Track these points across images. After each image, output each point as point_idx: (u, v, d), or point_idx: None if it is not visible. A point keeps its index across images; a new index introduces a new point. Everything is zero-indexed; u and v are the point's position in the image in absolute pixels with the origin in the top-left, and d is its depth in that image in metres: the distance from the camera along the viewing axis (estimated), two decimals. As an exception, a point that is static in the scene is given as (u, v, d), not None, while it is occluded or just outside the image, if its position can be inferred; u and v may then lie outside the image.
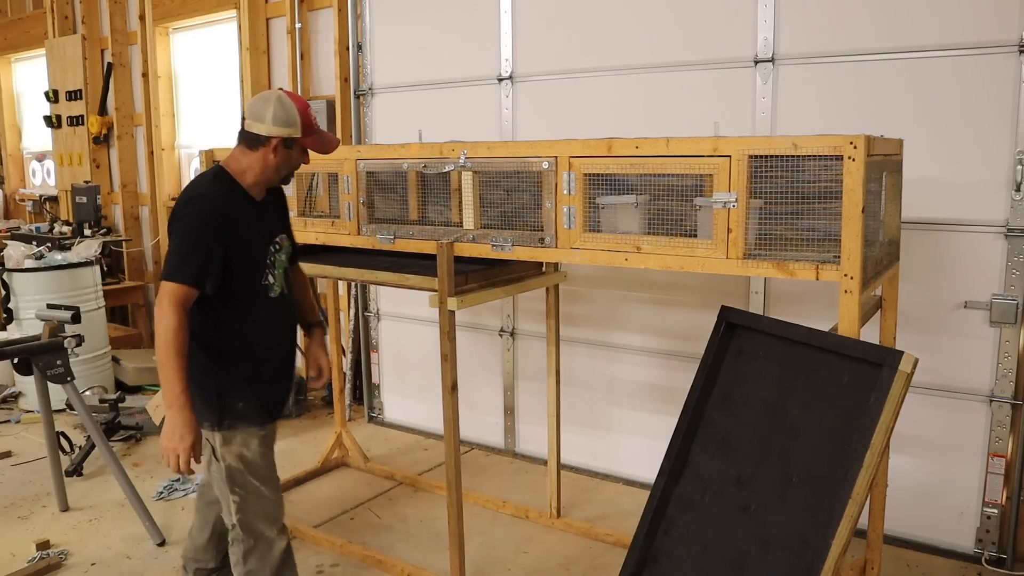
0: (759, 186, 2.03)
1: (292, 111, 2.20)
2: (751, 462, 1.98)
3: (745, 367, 2.10)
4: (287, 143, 2.22)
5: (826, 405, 1.88)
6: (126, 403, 4.57)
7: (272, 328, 2.31)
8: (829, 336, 1.91)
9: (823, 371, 1.91)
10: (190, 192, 2.20)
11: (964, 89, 2.81)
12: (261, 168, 2.23)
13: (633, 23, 3.48)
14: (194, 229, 2.11)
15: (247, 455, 2.26)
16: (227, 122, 5.51)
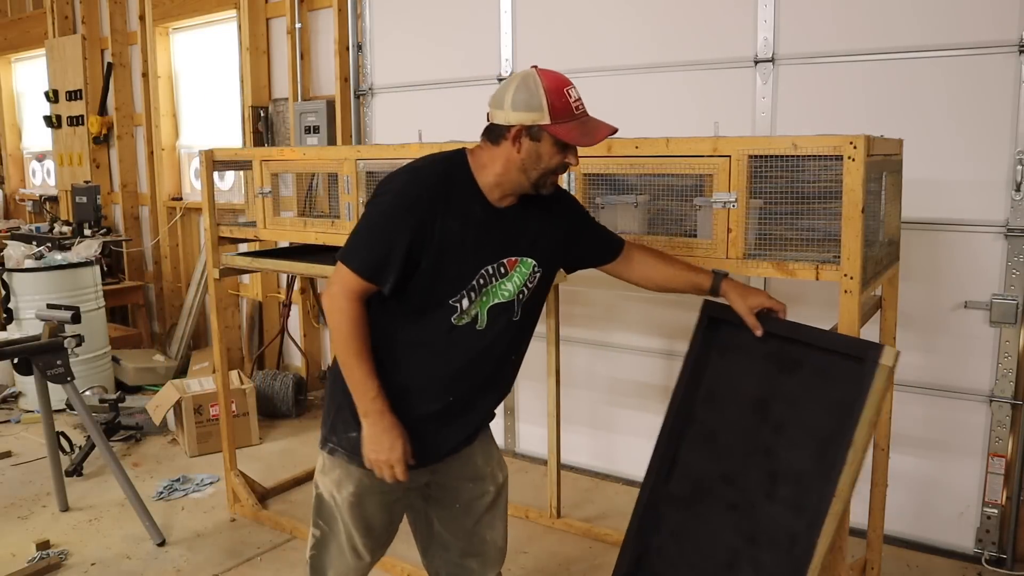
0: (759, 186, 2.03)
1: (537, 91, 1.70)
2: (738, 459, 1.95)
3: (729, 363, 2.05)
4: (532, 133, 1.71)
5: (810, 401, 1.83)
6: (126, 403, 4.57)
7: (443, 364, 1.78)
8: (811, 330, 1.86)
9: (807, 366, 1.86)
10: (408, 165, 1.80)
11: (964, 89, 2.81)
12: (503, 166, 1.73)
13: (633, 23, 3.47)
14: (385, 209, 1.70)
15: (338, 499, 1.90)
16: (227, 122, 5.51)
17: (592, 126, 1.77)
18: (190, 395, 4.16)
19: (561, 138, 1.71)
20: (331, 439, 1.88)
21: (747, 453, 1.93)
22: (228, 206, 3.68)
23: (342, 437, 1.84)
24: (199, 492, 3.73)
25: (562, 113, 1.71)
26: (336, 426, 1.86)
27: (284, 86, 4.97)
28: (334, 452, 1.88)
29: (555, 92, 1.71)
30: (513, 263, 1.79)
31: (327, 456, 1.90)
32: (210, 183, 3.25)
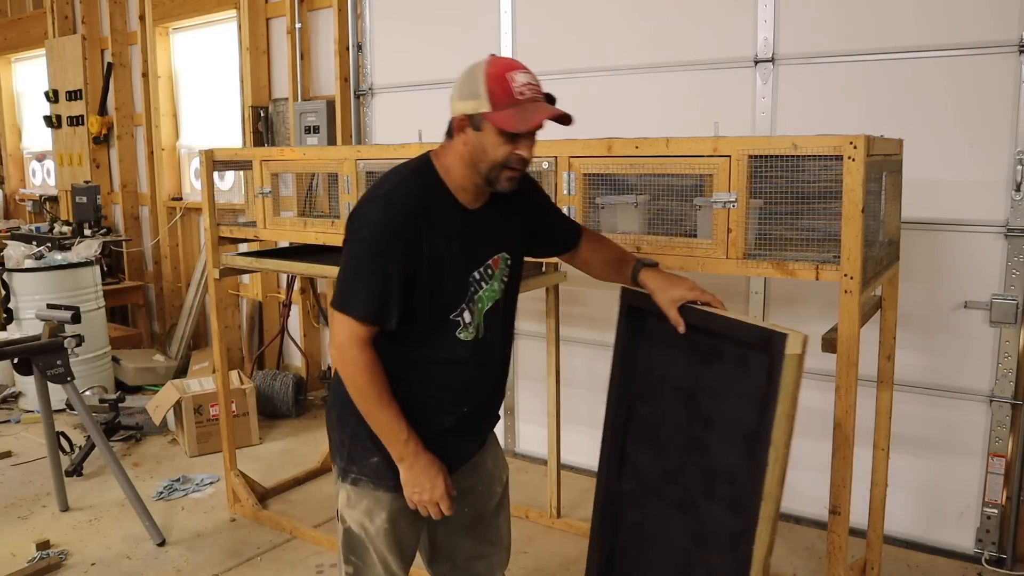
0: (759, 186, 2.03)
1: (477, 78, 1.59)
2: (677, 455, 1.84)
3: (656, 353, 1.92)
4: (474, 122, 1.60)
5: (732, 394, 1.71)
6: (126, 403, 4.57)
7: (453, 379, 1.76)
8: (723, 320, 1.71)
9: (726, 357, 1.73)
10: (376, 189, 1.69)
11: (964, 89, 2.81)
12: (458, 162, 1.66)
13: (633, 23, 3.47)
14: (370, 245, 1.62)
15: (370, 529, 1.80)
16: (227, 122, 5.51)
17: (532, 111, 1.59)
18: (190, 395, 4.16)
19: (496, 124, 1.59)
20: (351, 470, 1.79)
21: (684, 449, 1.82)
22: (228, 206, 3.68)
23: (363, 465, 1.77)
24: (199, 492, 3.73)
25: (502, 99, 1.57)
26: (355, 455, 1.77)
27: (284, 86, 4.97)
28: (358, 482, 1.78)
29: (496, 78, 1.58)
30: (496, 262, 1.77)
31: (351, 488, 1.80)
32: (210, 183, 3.25)
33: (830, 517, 1.97)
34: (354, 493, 1.80)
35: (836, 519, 1.96)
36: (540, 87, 1.63)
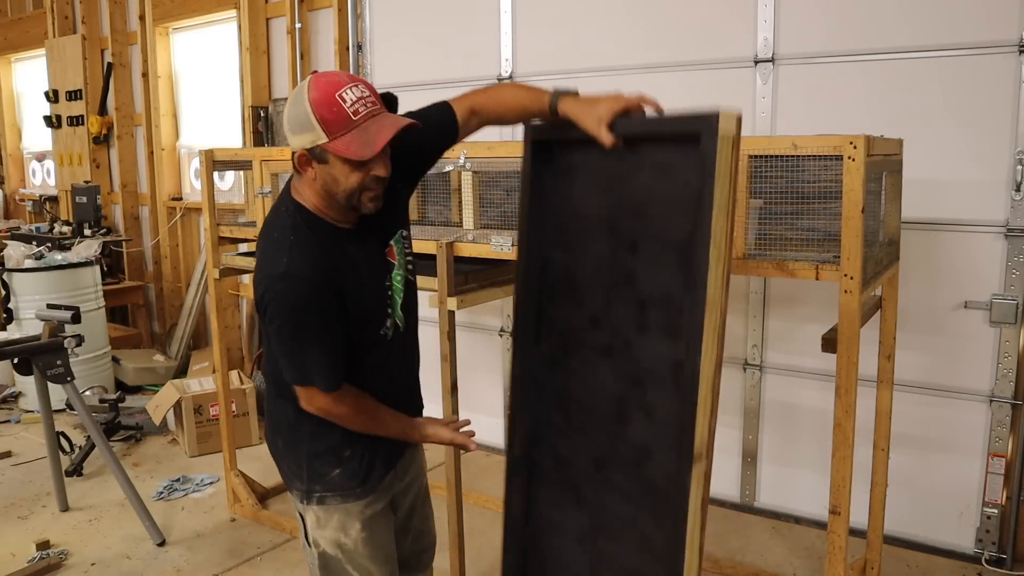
0: (759, 186, 2.03)
1: (304, 108, 1.48)
2: (601, 295, 1.69)
3: (568, 188, 1.76)
4: (316, 155, 1.51)
5: (659, 205, 1.55)
6: (126, 403, 4.57)
7: (382, 371, 1.75)
8: (640, 121, 1.56)
9: (647, 167, 1.57)
10: (272, 264, 1.57)
11: (964, 89, 2.81)
12: (312, 195, 1.59)
13: (633, 23, 3.47)
14: (304, 318, 1.56)
15: (346, 543, 1.75)
16: (227, 122, 5.51)
17: (373, 131, 1.49)
18: (190, 395, 4.16)
19: (339, 154, 1.48)
20: (315, 489, 1.74)
21: (608, 286, 1.67)
22: (228, 206, 3.69)
23: (327, 481, 1.73)
24: (199, 492, 3.72)
25: (337, 125, 1.47)
26: (315, 474, 1.73)
27: (284, 86, 4.97)
28: (324, 500, 1.74)
29: (324, 103, 1.47)
30: (392, 251, 1.73)
31: (318, 508, 1.75)
32: (210, 183, 3.25)
33: (830, 517, 1.97)
34: (323, 512, 1.75)
35: (836, 519, 1.96)
36: (374, 96, 1.53)
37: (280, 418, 1.78)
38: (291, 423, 1.74)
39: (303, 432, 1.73)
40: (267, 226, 1.67)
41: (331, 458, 1.73)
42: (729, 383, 3.42)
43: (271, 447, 1.86)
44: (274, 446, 1.84)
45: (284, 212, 1.63)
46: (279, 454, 1.82)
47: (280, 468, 1.83)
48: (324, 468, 1.73)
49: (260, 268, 1.61)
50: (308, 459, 1.74)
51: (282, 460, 1.81)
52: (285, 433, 1.78)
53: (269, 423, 1.85)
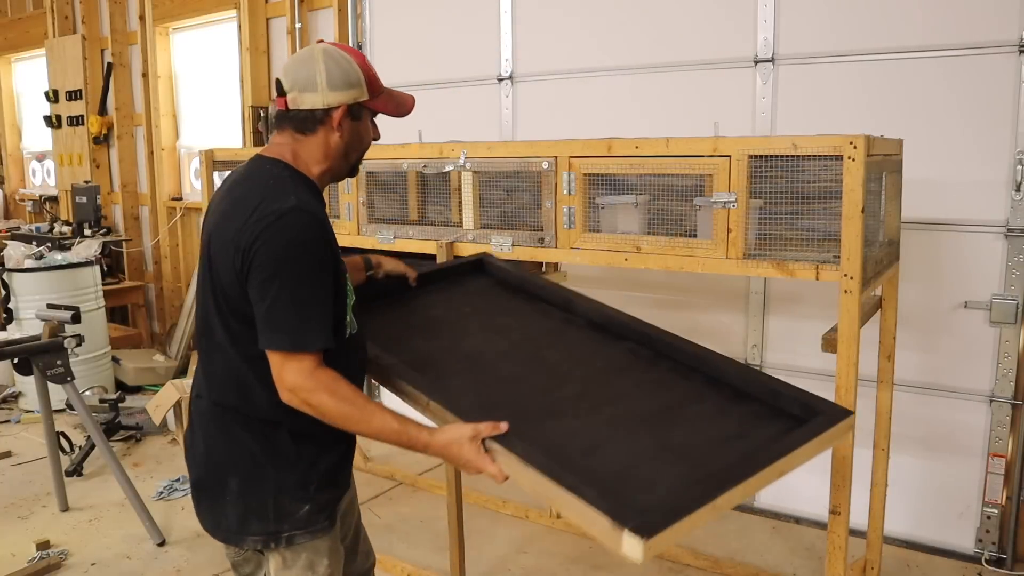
0: (759, 186, 2.03)
1: (351, 65, 1.53)
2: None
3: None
4: (353, 112, 1.54)
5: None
6: (126, 403, 4.57)
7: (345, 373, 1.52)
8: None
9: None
10: (272, 202, 1.45)
11: (964, 89, 2.81)
12: (323, 155, 1.56)
13: (633, 23, 3.47)
14: (309, 262, 1.44)
15: None
16: (227, 122, 5.51)
17: (398, 97, 1.63)
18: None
19: (379, 111, 1.58)
20: (283, 529, 1.56)
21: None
22: (228, 206, 3.67)
23: (295, 520, 1.56)
24: (199, 492, 3.72)
25: (376, 86, 1.57)
26: (283, 512, 1.56)
27: (284, 86, 4.97)
28: (293, 540, 1.57)
29: (364, 64, 1.55)
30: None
31: (285, 550, 1.58)
32: (210, 183, 3.25)
33: (830, 517, 1.97)
34: (290, 553, 1.58)
35: (836, 519, 1.96)
36: None
37: (238, 454, 1.56)
38: (252, 457, 1.54)
39: (270, 466, 1.55)
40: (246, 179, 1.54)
41: (300, 493, 1.56)
42: (729, 383, 3.42)
43: (210, 494, 1.60)
44: (222, 489, 1.57)
45: (269, 168, 1.54)
46: (229, 498, 1.57)
47: (222, 516, 1.59)
48: (293, 505, 1.56)
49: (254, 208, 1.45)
50: (275, 496, 1.55)
51: (233, 505, 1.57)
52: (243, 471, 1.56)
53: (215, 461, 1.59)
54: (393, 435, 1.48)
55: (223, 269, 1.49)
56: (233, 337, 1.52)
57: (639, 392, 1.69)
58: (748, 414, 1.60)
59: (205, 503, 1.63)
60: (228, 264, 1.47)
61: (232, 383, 1.55)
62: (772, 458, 1.42)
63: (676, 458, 1.47)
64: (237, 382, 1.54)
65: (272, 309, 1.43)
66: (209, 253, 1.53)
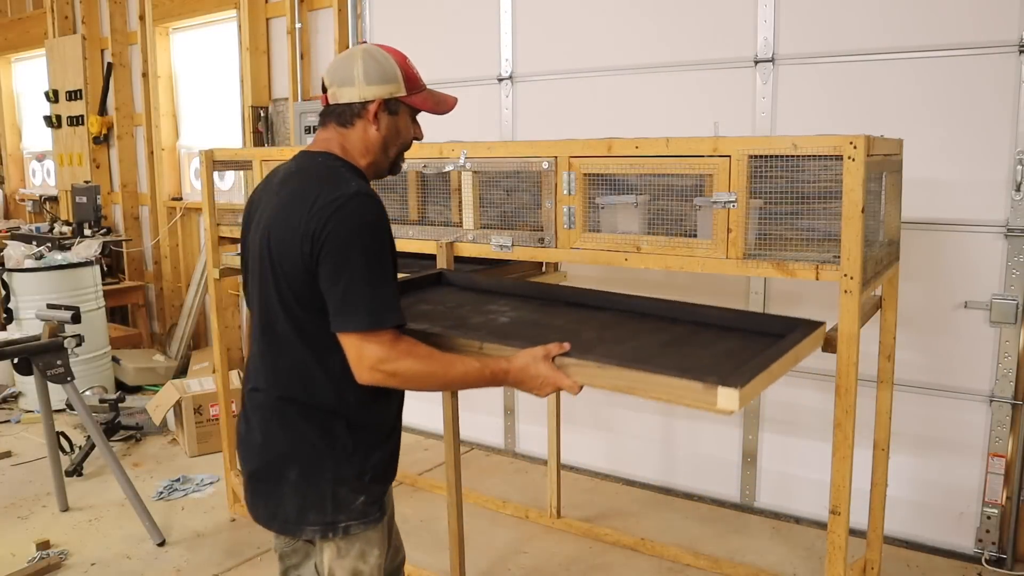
0: (759, 186, 2.03)
1: (388, 62, 1.60)
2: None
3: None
4: (390, 107, 1.62)
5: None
6: (126, 403, 4.57)
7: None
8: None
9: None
10: (335, 188, 1.51)
11: (964, 89, 2.81)
12: (365, 148, 1.63)
13: (633, 23, 3.47)
14: (379, 242, 1.51)
15: (363, 570, 1.66)
16: (227, 122, 5.51)
17: (439, 95, 1.70)
18: (190, 395, 4.16)
19: (418, 107, 1.66)
20: (339, 520, 1.61)
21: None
22: (228, 206, 3.67)
23: (351, 510, 1.62)
24: (199, 492, 3.73)
25: (414, 83, 1.64)
26: (340, 502, 1.61)
27: (284, 86, 4.97)
28: (349, 530, 1.63)
29: (403, 63, 1.64)
30: None
31: (340, 540, 1.63)
32: (210, 183, 3.25)
33: (830, 517, 1.97)
34: (344, 543, 1.64)
35: (836, 519, 1.95)
36: None
37: (298, 446, 1.60)
38: (313, 448, 1.59)
39: (329, 458, 1.60)
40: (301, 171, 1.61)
41: (356, 484, 1.62)
42: (729, 383, 3.42)
43: (270, 483, 1.64)
44: (280, 480, 1.62)
45: (322, 160, 1.61)
46: (289, 488, 1.62)
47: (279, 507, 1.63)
48: (349, 496, 1.61)
49: (316, 196, 1.50)
50: (333, 487, 1.60)
51: (291, 496, 1.62)
52: (303, 462, 1.60)
53: (275, 453, 1.63)
54: (476, 373, 1.55)
55: (287, 258, 1.52)
56: (298, 327, 1.56)
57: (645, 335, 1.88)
58: (741, 337, 1.85)
59: (261, 494, 1.67)
60: (294, 252, 1.51)
61: (296, 375, 1.58)
62: (784, 350, 1.68)
63: (713, 359, 1.69)
64: (301, 373, 1.58)
65: (347, 291, 1.47)
66: (268, 246, 1.56)
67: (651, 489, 3.67)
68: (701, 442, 3.55)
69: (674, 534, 3.25)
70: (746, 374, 1.49)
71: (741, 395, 1.43)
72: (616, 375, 1.56)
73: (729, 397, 1.43)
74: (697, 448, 3.57)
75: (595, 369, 1.58)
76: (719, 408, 1.45)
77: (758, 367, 1.54)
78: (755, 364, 1.56)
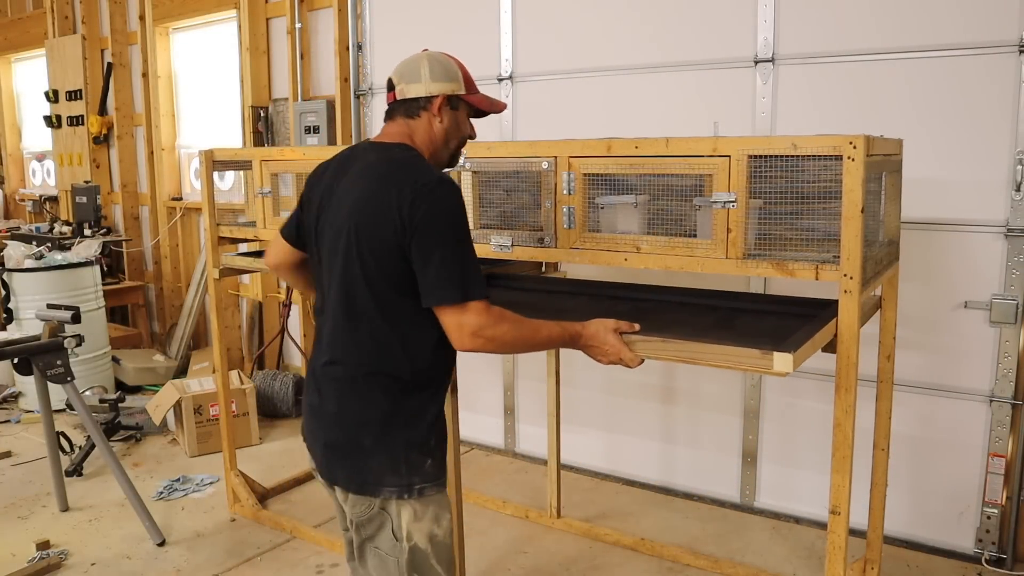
0: (759, 186, 2.03)
1: (451, 65, 1.80)
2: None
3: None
4: (452, 102, 1.79)
5: None
6: (126, 403, 4.57)
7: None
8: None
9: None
10: (420, 175, 1.65)
11: (964, 89, 2.81)
12: (429, 139, 1.79)
13: (633, 23, 3.47)
14: (464, 224, 1.65)
15: (438, 534, 1.75)
16: (227, 122, 5.51)
17: (492, 98, 1.89)
18: (190, 395, 4.16)
19: (476, 105, 1.84)
20: (415, 481, 1.71)
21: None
22: (228, 206, 3.68)
23: (424, 472, 1.72)
24: (199, 492, 3.73)
25: (471, 83, 1.84)
26: (413, 465, 1.71)
27: (284, 86, 4.97)
28: (424, 491, 1.72)
29: (462, 67, 1.83)
30: None
31: (416, 502, 1.72)
32: (210, 183, 3.25)
33: (830, 517, 1.97)
34: (419, 505, 1.73)
35: (836, 519, 1.95)
36: None
37: (370, 412, 1.70)
38: (385, 414, 1.70)
39: (397, 422, 1.70)
40: (384, 159, 1.72)
41: (424, 448, 1.73)
42: (729, 383, 3.43)
43: (349, 449, 1.73)
44: (356, 446, 1.72)
45: (400, 150, 1.75)
46: (365, 453, 1.71)
47: (362, 469, 1.72)
48: (419, 458, 1.72)
49: (405, 181, 1.63)
50: (405, 450, 1.71)
51: (369, 459, 1.71)
52: (376, 427, 1.70)
53: (350, 422, 1.73)
54: (558, 335, 1.75)
55: (376, 238, 1.64)
56: (380, 303, 1.67)
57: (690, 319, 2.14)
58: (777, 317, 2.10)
59: (339, 461, 1.76)
60: (385, 233, 1.62)
61: (375, 347, 1.69)
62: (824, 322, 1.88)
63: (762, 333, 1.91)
64: (379, 346, 1.69)
65: (441, 269, 1.60)
66: (355, 227, 1.66)
67: (651, 489, 3.67)
68: (701, 442, 3.56)
69: (674, 534, 3.25)
70: (796, 342, 1.71)
71: (795, 358, 1.64)
72: (680, 347, 1.79)
73: (784, 360, 1.65)
74: (697, 448, 3.57)
75: (660, 343, 1.81)
76: (775, 371, 1.66)
77: (805, 336, 1.76)
78: (801, 334, 1.78)
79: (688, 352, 1.78)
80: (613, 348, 1.78)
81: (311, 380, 1.82)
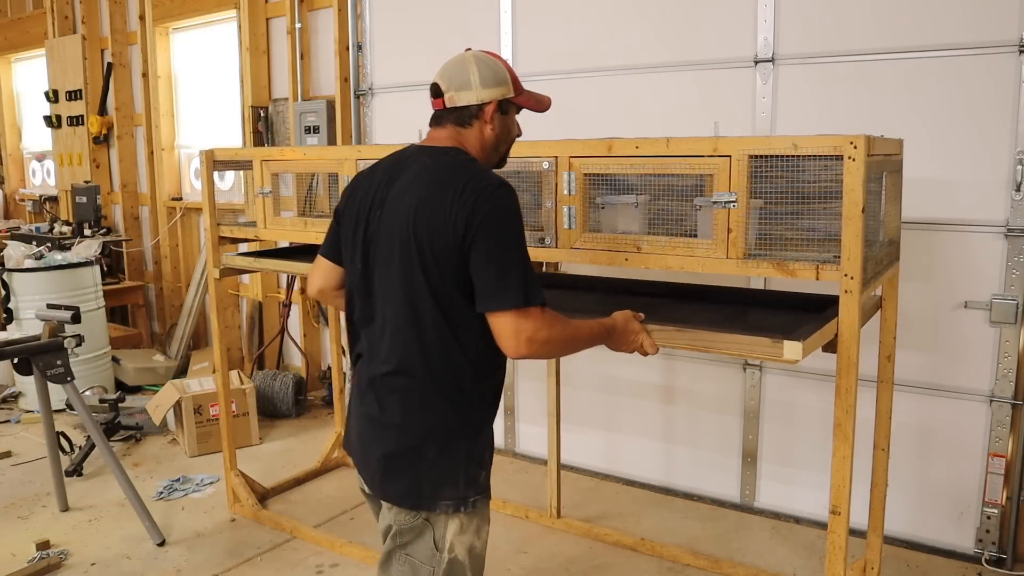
0: (759, 186, 2.03)
1: (499, 67, 1.75)
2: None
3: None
4: (502, 107, 1.75)
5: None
6: (126, 403, 4.57)
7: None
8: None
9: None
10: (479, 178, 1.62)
11: (964, 89, 2.81)
12: (480, 146, 1.75)
13: (633, 23, 3.47)
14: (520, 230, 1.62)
15: (477, 546, 1.73)
16: (227, 122, 5.51)
17: (538, 95, 1.85)
18: (190, 395, 4.16)
19: (525, 106, 1.81)
20: (470, 494, 1.69)
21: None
22: (228, 206, 3.69)
23: (478, 485, 1.71)
24: (199, 492, 3.73)
25: (519, 85, 1.79)
26: (471, 479, 1.69)
27: (284, 86, 4.97)
28: (476, 504, 1.70)
29: (508, 66, 1.79)
30: None
31: (464, 515, 1.69)
32: (210, 183, 3.25)
33: (830, 517, 1.97)
34: (467, 518, 1.69)
35: (836, 519, 1.95)
36: None
37: (435, 425, 1.67)
38: (449, 424, 1.67)
39: (462, 436, 1.68)
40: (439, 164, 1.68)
41: (481, 461, 1.72)
42: (729, 383, 3.43)
43: (413, 460, 1.68)
44: (419, 457, 1.67)
45: (454, 155, 1.71)
46: (427, 464, 1.67)
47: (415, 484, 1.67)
48: (476, 472, 1.70)
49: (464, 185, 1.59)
50: (466, 464, 1.68)
51: (428, 473, 1.67)
52: (440, 439, 1.67)
53: (415, 432, 1.68)
54: (598, 332, 1.77)
55: (435, 241, 1.60)
56: (445, 311, 1.63)
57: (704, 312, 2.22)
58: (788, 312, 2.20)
59: (396, 472, 1.70)
60: (446, 236, 1.59)
61: (439, 355, 1.65)
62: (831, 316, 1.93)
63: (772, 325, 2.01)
64: (443, 353, 1.65)
65: (501, 273, 1.57)
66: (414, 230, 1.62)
67: (651, 489, 3.67)
68: (701, 442, 3.56)
69: (674, 534, 3.25)
70: (805, 332, 1.80)
71: (804, 347, 1.72)
72: (694, 336, 1.88)
73: (794, 349, 1.73)
74: (697, 448, 3.57)
75: (675, 332, 1.88)
76: (785, 358, 1.75)
77: (813, 327, 1.85)
78: (810, 326, 1.87)
79: (701, 341, 1.86)
80: (637, 334, 1.85)
81: (368, 391, 1.74)
